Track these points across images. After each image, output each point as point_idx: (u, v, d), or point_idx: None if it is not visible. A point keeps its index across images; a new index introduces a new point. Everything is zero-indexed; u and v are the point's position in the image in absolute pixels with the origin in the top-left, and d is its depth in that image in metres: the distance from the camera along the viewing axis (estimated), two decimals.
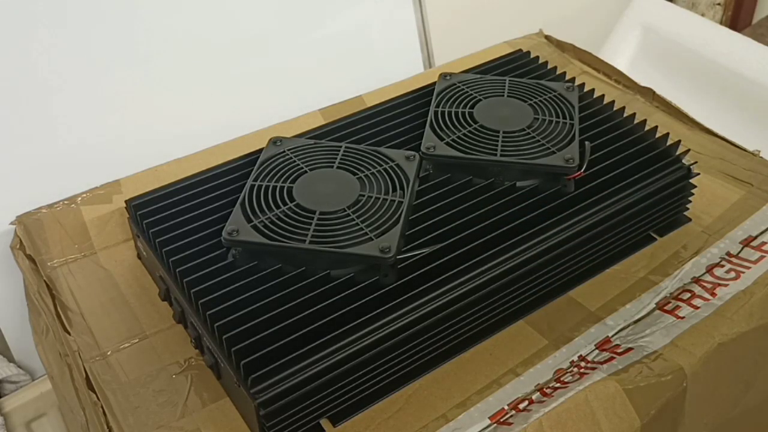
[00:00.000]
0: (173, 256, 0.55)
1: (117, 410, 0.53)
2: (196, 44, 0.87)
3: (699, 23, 1.15)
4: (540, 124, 0.65)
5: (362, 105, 0.78)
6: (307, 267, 0.53)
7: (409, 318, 0.52)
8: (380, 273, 0.53)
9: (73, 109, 0.80)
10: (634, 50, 1.15)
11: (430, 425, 0.52)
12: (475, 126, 0.64)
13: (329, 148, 0.62)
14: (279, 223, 0.55)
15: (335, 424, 0.52)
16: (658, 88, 0.81)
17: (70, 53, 0.79)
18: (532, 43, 0.89)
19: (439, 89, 0.69)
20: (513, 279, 0.57)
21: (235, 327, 0.49)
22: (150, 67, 0.84)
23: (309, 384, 0.49)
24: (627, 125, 0.67)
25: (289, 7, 0.92)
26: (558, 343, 0.57)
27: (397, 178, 0.59)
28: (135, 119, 0.85)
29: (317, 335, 0.49)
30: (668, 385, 0.54)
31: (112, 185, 0.71)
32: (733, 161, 0.73)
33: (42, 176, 0.78)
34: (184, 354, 0.57)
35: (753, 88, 1.04)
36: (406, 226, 0.56)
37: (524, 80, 0.70)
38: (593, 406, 0.52)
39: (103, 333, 0.59)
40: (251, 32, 0.91)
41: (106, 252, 0.65)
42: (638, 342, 0.57)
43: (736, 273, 0.62)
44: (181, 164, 0.72)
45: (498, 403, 0.53)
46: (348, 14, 0.97)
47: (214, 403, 0.54)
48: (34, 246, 0.65)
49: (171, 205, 0.59)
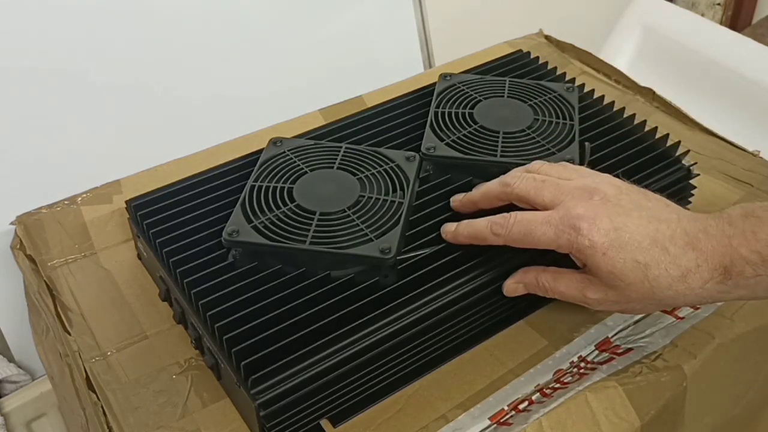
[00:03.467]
0: (173, 256, 0.55)
1: (117, 410, 0.53)
2: (196, 44, 0.87)
3: (699, 23, 1.15)
4: (540, 125, 0.65)
5: (362, 105, 0.78)
6: (307, 268, 0.53)
7: (409, 319, 0.52)
8: (380, 274, 0.53)
9: (73, 109, 0.80)
10: (634, 50, 1.15)
11: (430, 425, 0.52)
12: (475, 127, 0.64)
13: (329, 149, 0.62)
14: (279, 223, 0.55)
15: (335, 425, 0.52)
16: (658, 88, 0.81)
17: (70, 53, 0.79)
18: (532, 43, 0.89)
19: (439, 89, 0.69)
20: None
21: (236, 328, 0.49)
22: (150, 67, 0.84)
23: (309, 385, 0.49)
24: (627, 126, 0.67)
25: (288, 7, 0.92)
26: (558, 344, 0.57)
27: (397, 179, 0.59)
28: (135, 119, 0.85)
29: (318, 336, 0.49)
30: (668, 385, 0.54)
31: (112, 185, 0.70)
32: (733, 161, 0.73)
33: (42, 176, 0.78)
34: (185, 354, 0.57)
35: (753, 88, 1.04)
36: (407, 226, 0.56)
37: (524, 81, 0.70)
38: (593, 406, 0.52)
39: (103, 333, 0.59)
40: (251, 32, 0.91)
41: (106, 252, 0.65)
42: (638, 342, 0.57)
43: None
44: (181, 164, 0.71)
45: (498, 403, 0.53)
46: (348, 14, 0.97)
47: (214, 404, 0.54)
48: (34, 246, 0.65)
49: (171, 205, 0.59)
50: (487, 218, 0.52)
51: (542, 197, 0.50)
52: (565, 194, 0.49)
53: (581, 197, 0.49)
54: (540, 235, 0.49)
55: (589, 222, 0.47)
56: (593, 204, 0.48)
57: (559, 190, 0.50)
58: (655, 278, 0.47)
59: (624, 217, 0.48)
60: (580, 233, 0.47)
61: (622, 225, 0.47)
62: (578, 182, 0.50)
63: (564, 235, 0.48)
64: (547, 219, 0.49)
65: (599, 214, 0.48)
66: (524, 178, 0.52)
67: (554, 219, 0.49)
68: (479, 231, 0.52)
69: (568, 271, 0.52)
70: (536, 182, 0.51)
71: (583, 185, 0.50)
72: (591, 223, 0.47)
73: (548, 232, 0.49)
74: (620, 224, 0.48)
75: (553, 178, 0.51)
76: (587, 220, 0.48)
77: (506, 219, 0.51)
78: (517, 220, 0.50)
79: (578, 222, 0.48)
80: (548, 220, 0.49)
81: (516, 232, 0.50)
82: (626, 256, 0.47)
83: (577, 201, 0.49)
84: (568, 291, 0.51)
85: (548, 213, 0.49)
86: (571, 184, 0.50)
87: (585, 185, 0.50)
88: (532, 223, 0.49)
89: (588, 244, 0.47)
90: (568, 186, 0.50)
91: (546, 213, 0.49)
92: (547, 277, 0.52)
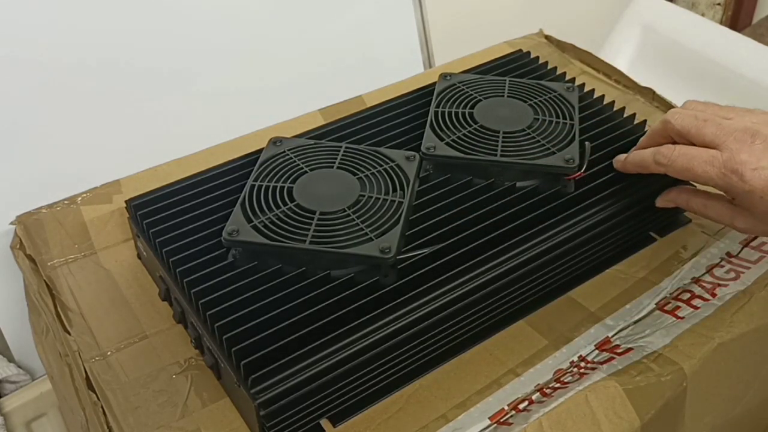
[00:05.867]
0: (173, 256, 0.55)
1: (117, 410, 0.53)
2: (196, 44, 0.87)
3: (699, 23, 1.15)
4: (540, 125, 0.65)
5: (362, 105, 0.78)
6: (307, 267, 0.53)
7: (409, 318, 0.52)
8: (380, 273, 0.53)
9: (73, 109, 0.80)
10: (634, 50, 1.15)
11: (430, 425, 0.52)
12: (475, 126, 0.64)
13: (329, 149, 0.62)
14: (279, 223, 0.55)
15: (335, 425, 0.52)
16: (658, 88, 0.81)
17: (70, 52, 0.79)
18: (532, 43, 0.89)
19: (439, 89, 0.69)
20: (513, 279, 0.57)
21: (236, 327, 0.49)
22: (150, 67, 0.84)
23: (309, 384, 0.49)
24: (627, 125, 0.67)
25: (288, 7, 0.92)
26: (558, 344, 0.57)
27: (397, 179, 0.59)
28: (135, 119, 0.85)
29: (317, 335, 0.49)
30: (668, 385, 0.54)
31: (112, 185, 0.70)
32: None
33: (42, 176, 0.78)
34: (184, 354, 0.57)
35: (753, 88, 1.04)
36: (407, 226, 0.56)
37: (524, 80, 0.70)
38: (593, 406, 0.52)
39: (103, 333, 0.59)
40: (251, 32, 0.91)
41: (106, 252, 0.65)
42: (638, 342, 0.57)
43: (736, 273, 0.62)
44: (181, 164, 0.72)
45: (498, 403, 0.53)
46: (348, 14, 0.97)
47: (214, 404, 0.54)
48: (34, 246, 0.65)
49: (171, 205, 0.59)
50: (655, 147, 0.55)
51: (703, 135, 0.52)
52: (728, 135, 0.51)
53: (743, 140, 0.50)
54: (701, 173, 0.51)
55: (752, 168, 0.49)
56: (755, 149, 0.50)
57: (721, 130, 0.51)
58: None
59: None
60: (742, 179, 0.49)
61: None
62: (739, 123, 0.51)
63: (725, 178, 0.50)
64: (711, 159, 0.51)
65: (761, 158, 0.49)
66: (684, 115, 0.54)
67: (718, 161, 0.50)
68: (644, 159, 0.56)
69: (719, 198, 0.55)
70: (697, 120, 0.53)
71: (744, 127, 0.51)
72: (753, 169, 0.49)
73: (710, 171, 0.51)
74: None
75: (712, 115, 0.53)
76: (750, 166, 0.49)
77: (671, 150, 0.53)
78: (681, 152, 0.53)
79: (741, 168, 0.49)
80: (711, 160, 0.51)
81: (679, 164, 0.52)
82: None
83: (741, 144, 0.50)
84: (718, 217, 0.55)
85: (713, 153, 0.51)
86: (733, 125, 0.51)
87: (746, 127, 0.51)
88: (696, 159, 0.51)
89: (748, 189, 0.50)
90: (730, 126, 0.51)
91: (710, 152, 0.51)
92: (698, 201, 0.56)
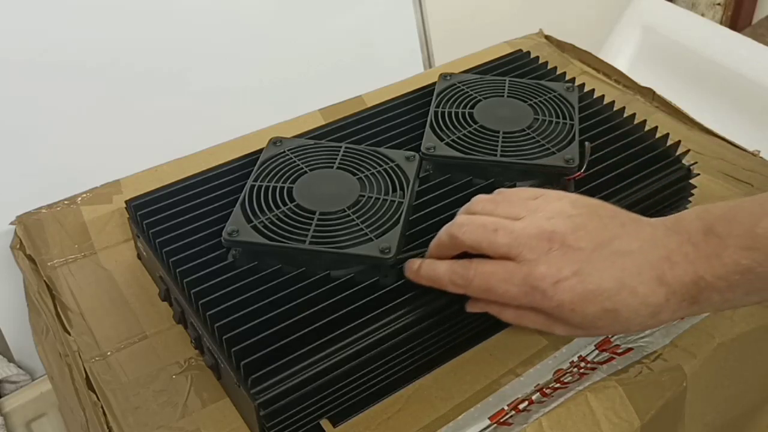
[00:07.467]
0: (173, 256, 0.55)
1: (117, 410, 0.53)
2: (196, 44, 0.87)
3: (699, 23, 1.15)
4: (540, 125, 0.65)
5: (362, 105, 0.78)
6: (307, 267, 0.53)
7: (409, 318, 0.52)
8: (380, 273, 0.53)
9: (73, 109, 0.80)
10: (634, 50, 1.15)
11: (430, 425, 0.52)
12: (475, 126, 0.64)
13: (329, 149, 0.62)
14: (279, 223, 0.55)
15: (335, 425, 0.52)
16: (658, 88, 0.81)
17: (70, 53, 0.79)
18: (532, 43, 0.89)
19: (439, 89, 0.69)
20: None
21: (235, 327, 0.49)
22: (150, 67, 0.84)
23: (309, 384, 0.49)
24: (627, 125, 0.67)
25: (289, 7, 0.92)
26: (558, 344, 0.57)
27: (397, 179, 0.59)
28: (135, 119, 0.85)
29: (317, 336, 0.49)
30: (668, 385, 0.54)
31: (112, 185, 0.70)
32: (733, 161, 0.73)
33: (42, 176, 0.78)
34: (184, 354, 0.57)
35: (753, 88, 1.04)
36: (407, 226, 0.56)
37: (524, 80, 0.70)
38: (593, 406, 0.52)
39: (103, 333, 0.59)
40: (251, 32, 0.91)
41: (106, 252, 0.65)
42: (638, 342, 0.57)
43: None
44: (181, 164, 0.71)
45: (498, 403, 0.53)
46: (348, 14, 0.97)
47: (214, 404, 0.54)
48: (34, 246, 0.65)
49: (171, 205, 0.59)
50: (449, 264, 0.49)
51: (497, 248, 0.47)
52: (522, 245, 0.46)
53: (539, 249, 0.46)
54: (502, 293, 0.47)
55: (553, 282, 0.45)
56: (553, 258, 0.45)
57: (514, 239, 0.46)
58: (626, 320, 0.45)
59: (586, 263, 0.45)
60: (545, 295, 0.45)
61: (586, 274, 0.45)
62: (532, 225, 0.47)
63: (528, 297, 0.46)
64: (509, 277, 0.46)
65: (561, 268, 0.45)
66: (473, 227, 0.48)
67: (516, 278, 0.46)
68: (440, 278, 0.50)
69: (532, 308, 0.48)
70: (487, 231, 0.47)
71: (538, 231, 0.46)
72: (554, 283, 0.45)
73: (512, 290, 0.46)
74: (585, 273, 0.45)
75: (502, 220, 0.48)
76: (550, 280, 0.45)
77: (466, 269, 0.48)
78: (478, 271, 0.47)
79: (542, 284, 0.45)
80: (510, 278, 0.46)
81: (476, 286, 0.48)
82: (595, 308, 0.45)
83: (537, 254, 0.46)
84: (535, 327, 0.49)
85: (509, 269, 0.46)
86: (526, 230, 0.46)
87: (540, 230, 0.46)
88: (494, 277, 0.47)
89: (555, 305, 0.45)
90: (524, 233, 0.46)
91: (508, 268, 0.46)
92: (511, 312, 0.49)
